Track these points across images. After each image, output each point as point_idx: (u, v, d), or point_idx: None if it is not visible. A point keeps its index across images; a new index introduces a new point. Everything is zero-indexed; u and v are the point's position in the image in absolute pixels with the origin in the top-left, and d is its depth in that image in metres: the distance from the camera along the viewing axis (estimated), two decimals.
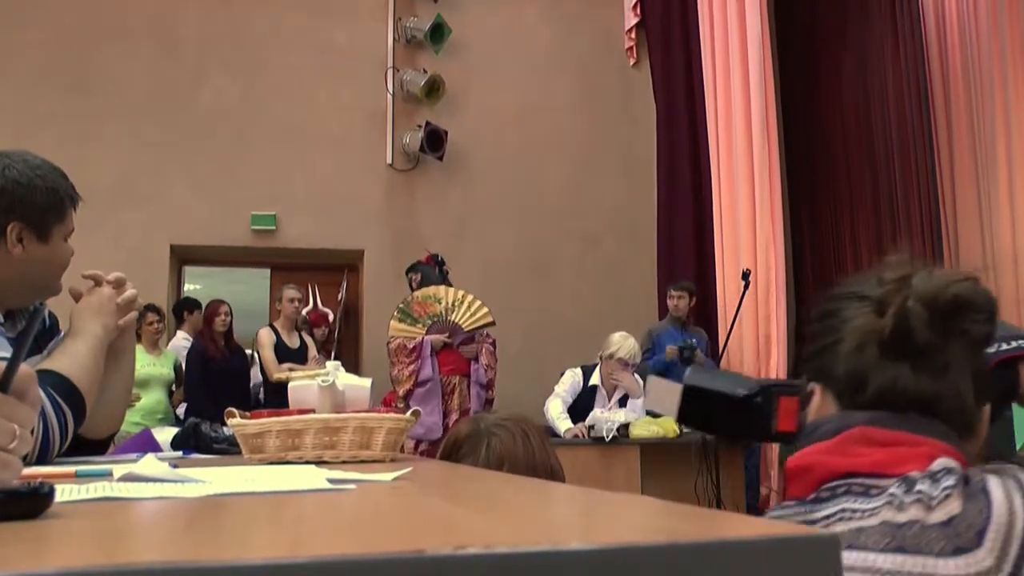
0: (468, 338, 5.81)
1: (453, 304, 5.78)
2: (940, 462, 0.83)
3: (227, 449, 1.80)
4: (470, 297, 5.85)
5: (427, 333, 5.74)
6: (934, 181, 6.46)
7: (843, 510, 0.85)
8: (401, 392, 5.64)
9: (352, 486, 0.77)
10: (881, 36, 7.00)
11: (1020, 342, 1.04)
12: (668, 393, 1.22)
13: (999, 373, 1.04)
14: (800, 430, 1.16)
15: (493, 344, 5.93)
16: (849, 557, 0.80)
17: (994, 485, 0.81)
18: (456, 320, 5.76)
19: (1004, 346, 1.06)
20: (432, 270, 6.35)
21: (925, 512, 0.80)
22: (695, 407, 1.15)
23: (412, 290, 6.18)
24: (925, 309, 0.87)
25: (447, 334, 5.73)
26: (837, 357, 0.95)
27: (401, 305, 5.83)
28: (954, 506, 0.79)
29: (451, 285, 6.15)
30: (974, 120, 6.12)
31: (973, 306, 0.87)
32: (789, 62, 8.03)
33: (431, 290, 5.89)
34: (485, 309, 5.82)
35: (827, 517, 0.86)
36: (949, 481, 0.81)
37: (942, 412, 0.88)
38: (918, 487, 0.81)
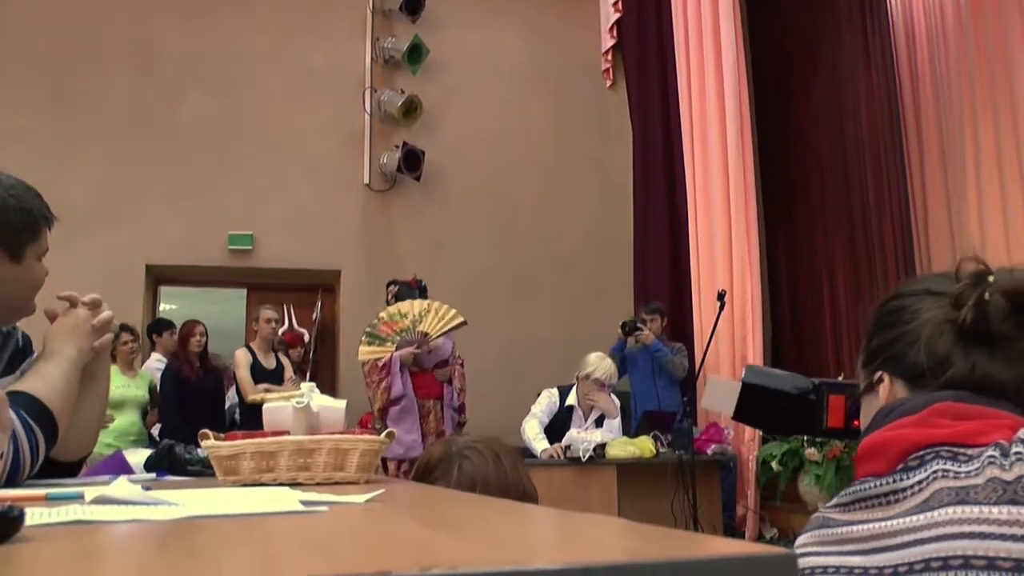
0: (442, 361, 5.64)
1: (420, 315, 5.61)
2: None
3: (201, 471, 1.79)
4: (436, 304, 5.69)
5: (396, 349, 5.57)
6: (906, 201, 6.54)
7: (938, 471, 0.90)
8: (376, 411, 5.53)
9: (324, 508, 0.77)
10: (852, 57, 7.09)
11: None
12: (727, 391, 1.28)
13: None
14: (846, 425, 1.24)
15: (462, 365, 5.79)
16: (964, 511, 0.86)
17: None
18: (424, 329, 5.58)
19: None
20: (411, 290, 6.20)
21: None
22: (752, 405, 1.21)
23: (387, 303, 6.07)
24: (1006, 300, 0.95)
25: (415, 345, 5.54)
26: (912, 346, 1.02)
27: (368, 328, 5.67)
28: None
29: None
30: (944, 140, 6.21)
31: None
32: (763, 83, 8.12)
33: (395, 307, 5.73)
34: (453, 311, 5.64)
35: (920, 482, 0.91)
36: None
37: (1016, 397, 0.96)
38: (1015, 450, 0.88)
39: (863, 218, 6.94)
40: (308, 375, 6.82)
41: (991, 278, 0.98)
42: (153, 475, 1.83)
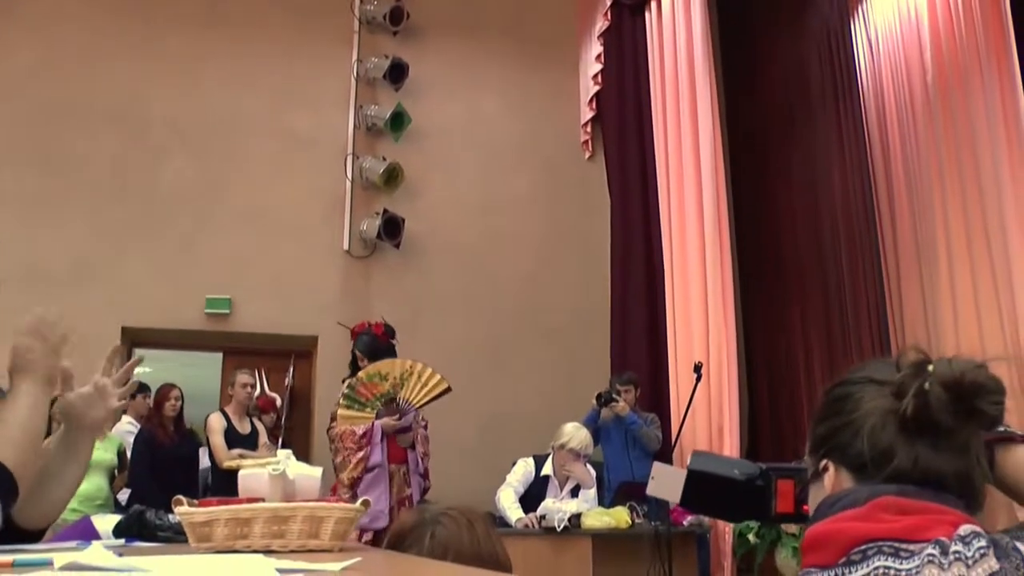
0: (404, 427, 5.37)
1: (402, 378, 5.27)
2: (966, 527, 0.90)
3: (172, 537, 1.77)
4: (419, 366, 5.32)
5: (377, 416, 5.28)
6: (880, 277, 6.63)
7: (880, 568, 0.91)
8: (346, 480, 5.21)
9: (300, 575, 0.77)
10: (826, 136, 7.25)
11: (999, 427, 1.11)
12: (672, 479, 1.29)
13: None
14: (796, 510, 1.24)
15: (426, 427, 5.56)
16: None
17: (1022, 545, 0.90)
18: (407, 397, 5.28)
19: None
20: (375, 341, 5.86)
21: (966, 569, 0.86)
22: (698, 491, 1.20)
23: (355, 371, 5.69)
24: (946, 392, 0.95)
25: (397, 416, 5.29)
26: (856, 436, 1.02)
27: (346, 390, 5.35)
28: (992, 563, 0.87)
29: (378, 357, 5.63)
30: (916, 219, 6.32)
31: (988, 389, 0.95)
32: (739, 159, 8.27)
33: (375, 367, 5.35)
34: (437, 377, 5.31)
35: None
36: (981, 543, 0.88)
37: (957, 488, 0.96)
38: (953, 548, 0.88)
39: (838, 293, 7.02)
40: (281, 441, 6.75)
41: (931, 367, 0.97)
42: (122, 541, 1.80)
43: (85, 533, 2.06)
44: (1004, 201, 5.38)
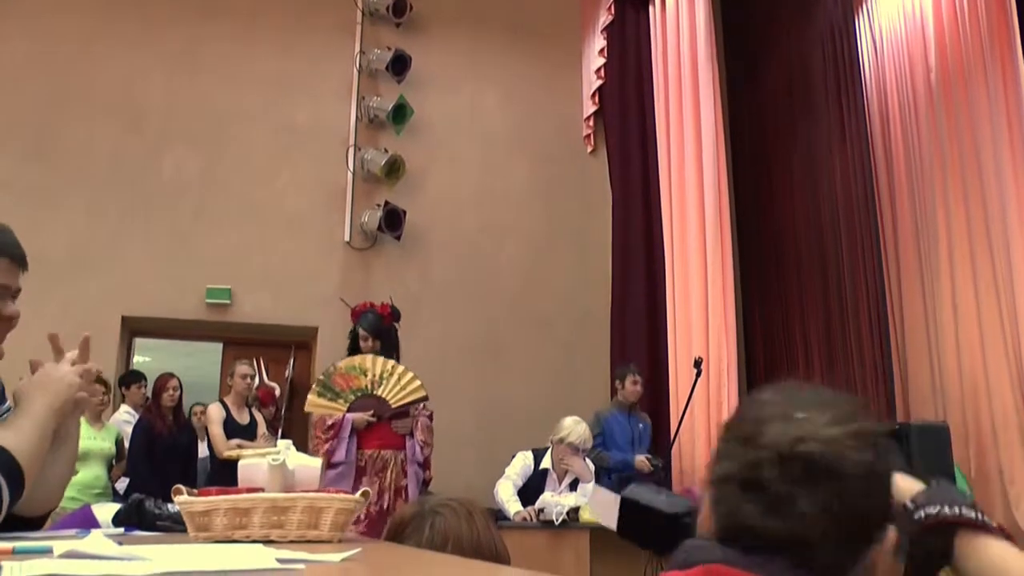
0: (402, 412, 5.11)
1: (381, 376, 5.05)
2: None
3: (171, 527, 1.77)
4: (400, 368, 5.09)
5: (349, 410, 5.01)
6: (880, 275, 6.63)
7: None
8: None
9: (301, 566, 0.77)
10: (829, 134, 7.23)
11: (956, 508, 1.04)
12: (608, 504, 1.28)
13: (930, 535, 1.05)
14: None
15: (430, 417, 5.30)
16: None
17: None
18: (383, 395, 5.04)
19: (943, 510, 1.05)
20: (380, 319, 5.50)
21: None
22: (631, 519, 1.19)
23: (351, 334, 5.46)
24: (775, 459, 0.89)
25: (370, 412, 5.03)
26: (715, 482, 0.98)
27: (321, 376, 5.16)
28: None
29: (396, 347, 5.45)
30: (917, 217, 6.32)
31: (818, 467, 0.88)
32: (742, 155, 8.26)
33: (357, 360, 5.14)
34: (417, 383, 5.07)
35: None
36: None
37: (794, 553, 0.89)
38: None
39: (838, 290, 7.01)
40: (280, 432, 6.76)
41: (769, 427, 0.92)
42: (121, 530, 1.80)
43: (85, 521, 2.06)
44: (1006, 200, 5.38)
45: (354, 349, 5.35)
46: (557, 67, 8.50)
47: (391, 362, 5.12)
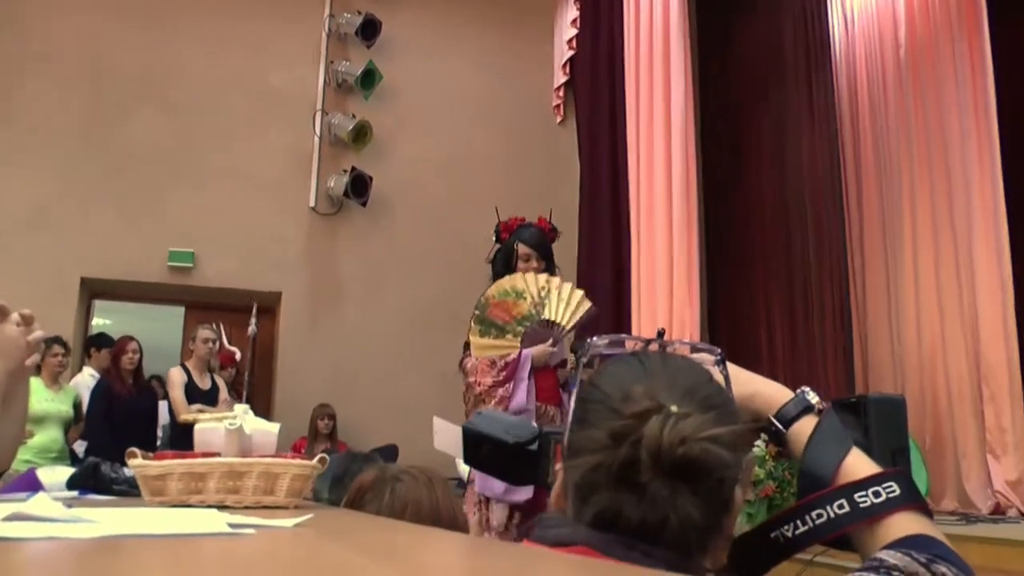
0: (563, 359, 4.17)
1: (541, 296, 3.98)
2: None
3: (127, 491, 1.76)
4: (555, 280, 4.05)
5: (522, 344, 3.99)
6: (844, 254, 6.70)
7: None
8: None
9: (252, 531, 0.76)
10: (797, 110, 7.26)
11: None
12: (453, 435, 1.24)
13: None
14: None
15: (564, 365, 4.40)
16: None
17: None
18: (550, 316, 4.00)
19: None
20: (543, 233, 4.44)
21: None
22: (478, 451, 1.12)
23: (491, 261, 4.40)
24: (651, 459, 0.84)
25: (550, 341, 4.01)
26: (579, 457, 0.90)
27: (476, 312, 4.11)
28: None
29: (550, 258, 4.37)
30: (883, 197, 6.38)
31: (705, 468, 0.85)
32: (711, 131, 8.27)
33: (504, 283, 4.07)
34: (580, 293, 4.04)
35: None
36: None
37: (666, 539, 0.86)
38: None
39: (803, 265, 7.07)
40: (244, 397, 6.71)
41: (647, 427, 0.85)
42: (75, 493, 1.78)
43: (30, 485, 2.04)
44: (970, 177, 5.44)
45: (505, 276, 4.23)
46: (529, 36, 8.44)
47: (543, 276, 4.08)
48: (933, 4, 5.87)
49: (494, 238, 4.49)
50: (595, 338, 1.05)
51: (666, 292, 6.82)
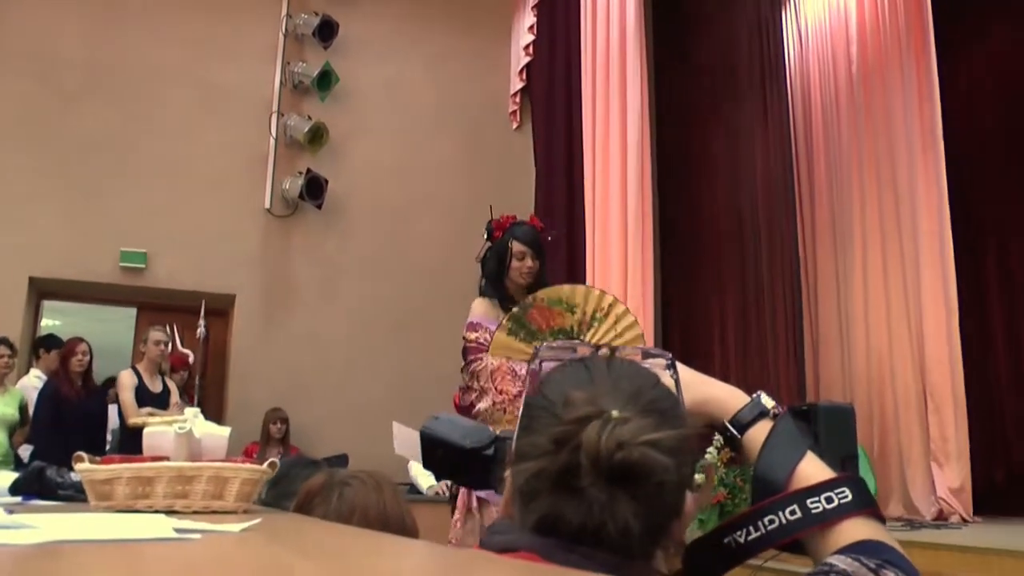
0: None
1: (593, 316, 3.65)
2: None
3: (73, 496, 1.73)
4: (620, 307, 3.68)
5: (538, 356, 2.99)
6: (796, 255, 6.81)
7: None
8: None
9: (197, 536, 0.76)
10: (752, 120, 7.37)
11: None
12: (412, 440, 1.22)
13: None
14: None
15: None
16: None
17: None
18: (594, 341, 3.43)
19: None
20: (536, 232, 4.06)
21: None
22: (432, 454, 1.11)
23: (499, 274, 3.98)
24: (590, 463, 0.84)
25: None
26: (523, 463, 0.90)
27: (516, 310, 3.65)
28: None
29: (544, 256, 4.00)
30: (834, 207, 6.49)
31: (643, 473, 0.84)
32: (666, 138, 8.34)
33: (564, 290, 3.70)
34: (638, 327, 3.67)
35: None
36: None
37: (607, 543, 0.86)
38: None
39: (755, 273, 7.17)
40: (196, 400, 6.64)
41: (586, 432, 0.85)
42: (19, 499, 1.75)
43: None
44: (916, 190, 5.55)
45: (497, 275, 3.97)
46: (486, 42, 8.46)
47: (609, 297, 3.72)
48: (884, 24, 6.00)
49: (485, 236, 4.19)
50: (544, 344, 1.06)
51: (620, 297, 6.85)
